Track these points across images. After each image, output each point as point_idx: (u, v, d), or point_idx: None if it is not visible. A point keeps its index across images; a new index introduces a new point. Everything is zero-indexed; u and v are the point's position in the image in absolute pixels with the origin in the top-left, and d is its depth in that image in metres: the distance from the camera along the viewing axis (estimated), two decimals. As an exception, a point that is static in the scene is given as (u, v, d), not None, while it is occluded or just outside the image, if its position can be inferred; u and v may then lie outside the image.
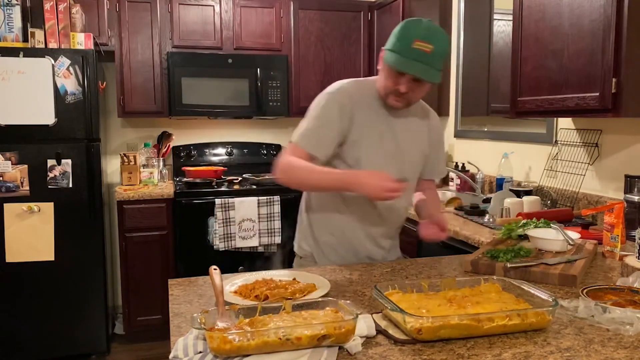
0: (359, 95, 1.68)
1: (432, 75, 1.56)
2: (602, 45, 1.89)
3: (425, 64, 1.53)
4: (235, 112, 3.80)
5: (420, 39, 1.51)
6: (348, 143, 1.67)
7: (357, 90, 1.69)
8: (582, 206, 2.46)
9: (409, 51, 1.52)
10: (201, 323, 1.04)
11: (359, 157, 1.67)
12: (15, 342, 3.11)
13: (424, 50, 1.51)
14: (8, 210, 3.03)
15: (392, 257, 1.86)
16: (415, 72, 1.54)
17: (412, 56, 1.52)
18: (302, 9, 3.94)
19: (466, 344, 1.07)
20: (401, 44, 1.54)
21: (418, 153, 1.79)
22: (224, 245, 3.43)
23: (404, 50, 1.53)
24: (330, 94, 1.67)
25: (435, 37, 1.53)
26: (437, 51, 1.53)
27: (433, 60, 1.54)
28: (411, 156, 1.77)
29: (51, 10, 3.08)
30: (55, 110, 3.06)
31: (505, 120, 3.17)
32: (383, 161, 1.69)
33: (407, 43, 1.53)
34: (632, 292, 1.33)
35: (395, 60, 1.55)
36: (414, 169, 1.80)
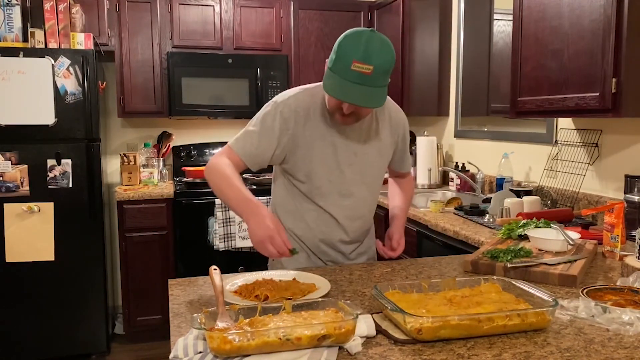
0: (305, 109, 1.61)
1: (374, 98, 1.45)
2: (602, 45, 1.89)
3: (367, 85, 1.42)
4: (235, 112, 3.80)
5: (359, 59, 1.39)
6: (297, 158, 1.64)
7: (304, 103, 1.62)
8: (582, 206, 2.46)
9: (347, 73, 1.41)
10: (201, 323, 1.04)
11: (310, 171, 1.64)
12: (15, 342, 3.11)
13: (363, 72, 1.40)
14: (8, 210, 3.03)
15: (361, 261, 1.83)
16: (354, 101, 1.44)
17: (351, 79, 1.41)
18: (302, 9, 3.94)
19: (466, 344, 1.06)
20: (339, 65, 1.42)
21: (379, 158, 1.74)
22: (224, 245, 3.43)
23: (343, 72, 1.41)
24: (276, 106, 1.62)
25: (375, 55, 1.40)
26: (378, 70, 1.41)
27: (375, 80, 1.42)
28: (372, 159, 1.71)
29: (51, 10, 3.08)
30: (55, 110, 3.06)
31: (505, 120, 3.17)
32: (338, 171, 1.66)
33: (345, 64, 1.41)
34: (632, 292, 1.33)
35: (333, 86, 1.45)
36: (375, 173, 1.75)
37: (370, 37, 1.43)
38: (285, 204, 1.76)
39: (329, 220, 1.72)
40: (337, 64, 1.44)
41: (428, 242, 2.57)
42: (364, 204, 1.76)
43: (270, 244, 1.41)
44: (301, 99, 1.64)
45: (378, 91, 1.45)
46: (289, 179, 1.71)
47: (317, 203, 1.70)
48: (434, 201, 2.74)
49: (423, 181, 3.57)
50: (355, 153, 1.68)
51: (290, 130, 1.61)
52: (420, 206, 2.93)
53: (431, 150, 3.56)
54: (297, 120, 1.61)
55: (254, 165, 1.64)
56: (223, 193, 1.59)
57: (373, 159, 1.72)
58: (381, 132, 1.72)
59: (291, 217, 1.75)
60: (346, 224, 1.73)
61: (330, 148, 1.64)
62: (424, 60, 3.67)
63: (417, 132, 4.03)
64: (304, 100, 1.64)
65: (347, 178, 1.68)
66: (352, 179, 1.69)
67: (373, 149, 1.71)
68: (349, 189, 1.70)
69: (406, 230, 2.76)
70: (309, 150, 1.63)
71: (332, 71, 1.45)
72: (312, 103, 1.63)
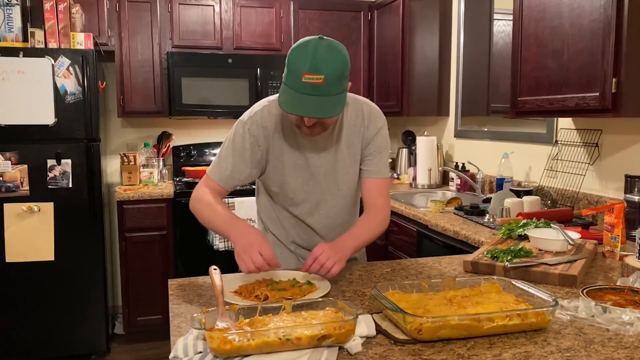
0: (273, 122, 1.59)
1: (329, 107, 1.41)
2: (602, 45, 1.89)
3: (321, 95, 1.38)
4: (235, 112, 3.79)
5: (307, 70, 1.36)
6: (269, 170, 1.65)
7: (271, 116, 1.60)
8: (582, 206, 2.46)
9: (299, 86, 1.38)
10: (201, 323, 1.04)
11: (283, 182, 1.64)
12: (15, 342, 3.11)
13: (314, 83, 1.37)
14: (8, 210, 3.03)
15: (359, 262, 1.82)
16: (309, 114, 1.41)
17: (305, 91, 1.38)
18: (302, 9, 3.94)
19: (466, 344, 1.06)
20: (291, 78, 1.40)
21: (353, 165, 1.68)
22: (224, 245, 3.43)
23: (295, 85, 1.39)
24: (244, 125, 1.61)
25: (324, 63, 1.37)
26: (329, 78, 1.37)
27: (328, 89, 1.38)
28: (345, 165, 1.66)
29: (51, 10, 3.08)
30: (55, 110, 3.06)
31: (505, 120, 3.17)
32: (312, 181, 1.65)
33: (296, 78, 1.38)
34: (632, 292, 1.33)
35: (287, 101, 1.41)
36: (350, 178, 1.69)
37: (316, 45, 1.39)
38: (267, 211, 1.79)
39: (307, 230, 1.73)
40: (289, 78, 1.41)
41: (428, 242, 2.57)
42: (341, 211, 1.73)
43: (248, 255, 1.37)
44: (267, 112, 1.61)
45: (333, 99, 1.41)
46: (266, 189, 1.73)
47: (293, 213, 1.71)
48: (434, 201, 2.74)
49: (423, 181, 3.57)
50: (328, 161, 1.64)
51: (262, 146, 1.61)
52: (420, 206, 2.93)
53: (431, 150, 3.56)
54: (266, 135, 1.60)
55: (232, 187, 1.64)
56: (209, 220, 1.61)
57: (346, 165, 1.67)
58: (352, 136, 1.65)
59: (273, 224, 1.78)
60: (324, 232, 1.72)
61: (301, 159, 1.63)
62: (424, 60, 3.66)
63: (417, 132, 4.03)
64: (271, 114, 1.61)
65: (322, 187, 1.66)
66: (326, 187, 1.67)
67: (345, 154, 1.65)
68: (323, 198, 1.68)
69: (406, 230, 2.78)
70: (279, 162, 1.62)
71: (286, 85, 1.42)
72: (279, 115, 1.61)
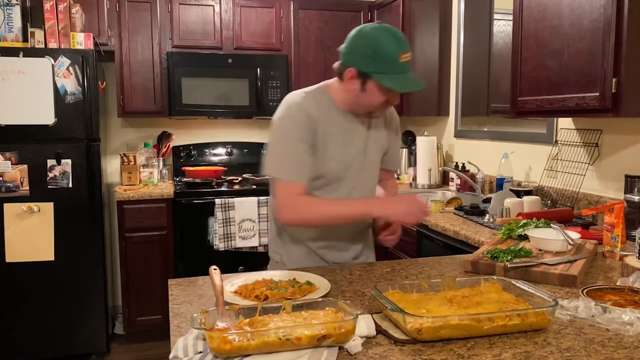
0: (316, 109, 1.64)
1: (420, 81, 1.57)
2: (602, 45, 1.89)
3: (410, 70, 1.55)
4: (235, 112, 3.80)
5: (402, 51, 1.51)
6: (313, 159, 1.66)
7: (313, 105, 1.64)
8: (582, 206, 2.46)
9: (400, 67, 1.51)
10: (201, 323, 1.04)
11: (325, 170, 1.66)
12: (15, 342, 3.11)
13: (409, 61, 1.53)
14: (8, 210, 3.03)
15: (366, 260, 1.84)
16: (418, 87, 1.55)
17: (405, 70, 1.53)
18: (302, 9, 3.94)
19: (466, 344, 1.06)
20: (388, 62, 1.51)
21: (378, 151, 1.78)
22: (224, 245, 3.43)
23: (397, 68, 1.51)
24: (289, 116, 1.62)
25: (406, 42, 1.54)
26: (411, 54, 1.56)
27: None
28: (372, 156, 1.76)
29: (51, 10, 3.08)
30: (55, 110, 3.06)
31: (505, 120, 3.17)
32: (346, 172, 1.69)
33: (394, 60, 1.50)
34: (632, 292, 1.33)
35: (395, 82, 1.52)
36: (375, 168, 1.79)
37: (389, 28, 1.54)
38: None
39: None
40: (385, 64, 1.51)
41: (428, 242, 2.57)
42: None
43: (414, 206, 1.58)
44: (308, 101, 1.65)
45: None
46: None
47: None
48: (434, 201, 2.74)
49: (423, 181, 3.57)
50: (360, 150, 1.71)
51: (312, 131, 1.62)
52: (420, 206, 2.92)
53: (431, 150, 3.56)
54: (312, 120, 1.63)
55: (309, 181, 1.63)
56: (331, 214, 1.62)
57: (374, 155, 1.76)
58: (380, 127, 1.77)
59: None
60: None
61: (340, 147, 1.67)
62: (424, 60, 3.66)
63: (417, 132, 4.03)
64: (312, 102, 1.65)
65: (354, 174, 1.71)
66: (357, 175, 1.72)
67: (375, 144, 1.75)
68: (355, 185, 1.73)
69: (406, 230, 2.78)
70: (323, 149, 1.65)
71: (382, 73, 1.51)
72: (320, 102, 1.66)
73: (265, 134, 4.28)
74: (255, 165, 4.11)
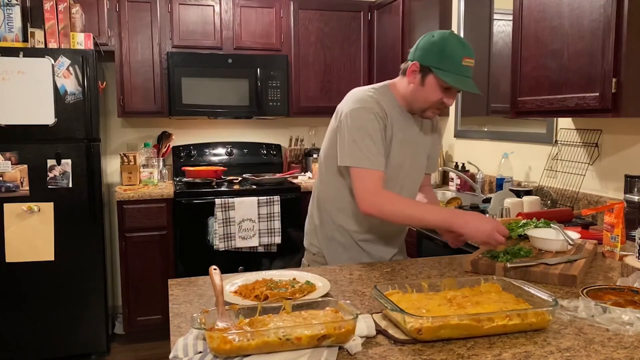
0: (386, 104, 1.70)
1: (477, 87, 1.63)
2: (602, 45, 1.89)
3: (470, 77, 1.62)
4: (235, 112, 3.80)
5: (467, 55, 1.59)
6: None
7: (382, 99, 1.70)
8: (582, 206, 2.46)
9: (461, 69, 1.59)
10: (201, 323, 1.04)
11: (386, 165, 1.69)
12: (15, 342, 3.11)
13: (471, 66, 1.61)
14: (8, 210, 3.03)
15: (400, 257, 1.90)
16: (473, 89, 1.61)
17: (465, 73, 1.60)
18: (302, 9, 3.94)
19: (466, 344, 1.07)
20: (451, 62, 1.59)
21: (424, 154, 1.85)
22: (224, 245, 3.43)
23: (457, 68, 1.59)
24: (365, 108, 1.66)
25: (472, 50, 1.61)
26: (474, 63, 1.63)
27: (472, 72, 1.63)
28: (420, 158, 1.83)
29: (51, 10, 3.08)
30: (55, 110, 3.06)
31: (505, 120, 3.17)
32: (401, 168, 1.75)
33: (457, 61, 1.58)
34: (632, 292, 1.33)
35: (452, 79, 1.59)
36: (421, 170, 1.86)
37: (458, 35, 1.65)
38: (336, 202, 1.79)
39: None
40: (448, 63, 1.59)
41: (428, 242, 2.57)
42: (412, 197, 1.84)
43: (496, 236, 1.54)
44: (378, 96, 1.70)
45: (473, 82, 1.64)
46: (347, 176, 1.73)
47: None
48: (434, 201, 2.74)
49: (423, 181, 3.57)
50: (413, 150, 1.78)
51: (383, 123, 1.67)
52: (420, 206, 2.93)
53: (431, 150, 3.56)
54: (384, 114, 1.68)
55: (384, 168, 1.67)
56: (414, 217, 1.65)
57: (422, 157, 1.84)
58: (428, 130, 1.84)
59: (342, 214, 1.79)
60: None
61: (400, 144, 1.72)
62: (424, 60, 3.66)
63: (417, 132, 4.03)
64: (381, 98, 1.70)
65: (405, 173, 1.77)
66: (407, 174, 1.78)
67: (423, 147, 1.83)
68: (404, 185, 1.77)
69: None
70: (389, 144, 1.70)
71: (444, 70, 1.59)
72: (385, 100, 1.70)
73: (265, 134, 4.29)
74: (255, 165, 4.12)
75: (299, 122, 4.27)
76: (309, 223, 1.91)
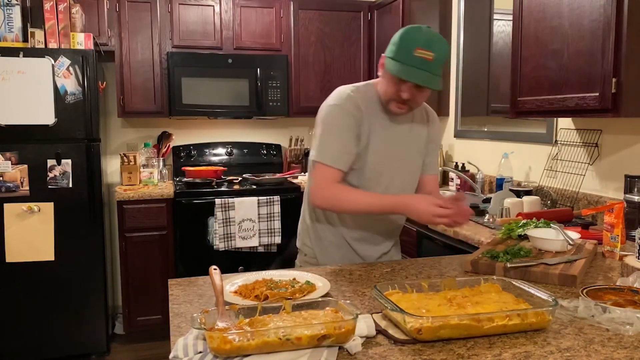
0: (364, 103, 1.69)
1: (434, 82, 1.57)
2: (602, 45, 1.89)
3: (427, 71, 1.55)
4: (235, 112, 3.80)
5: (422, 46, 1.53)
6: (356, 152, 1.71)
7: (362, 98, 1.69)
8: (582, 206, 2.46)
9: (410, 59, 1.54)
10: (201, 323, 1.04)
11: (364, 164, 1.70)
12: (15, 342, 3.11)
13: (425, 58, 1.53)
14: (8, 210, 3.03)
15: (392, 257, 1.88)
16: (418, 80, 1.56)
17: (414, 64, 1.54)
18: (302, 9, 3.94)
19: (466, 344, 1.07)
20: (402, 51, 1.56)
21: (418, 155, 1.82)
22: (224, 245, 3.43)
23: (406, 58, 1.55)
24: (339, 105, 1.67)
25: (435, 45, 1.55)
26: (437, 58, 1.55)
27: (434, 67, 1.55)
28: (412, 158, 1.80)
29: (51, 10, 3.08)
30: (55, 110, 3.06)
31: (505, 120, 3.17)
32: (385, 166, 1.72)
33: (408, 51, 1.54)
34: (632, 292, 1.33)
35: (397, 68, 1.56)
36: (415, 171, 1.83)
37: (429, 29, 1.59)
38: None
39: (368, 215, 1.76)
40: (399, 52, 1.56)
41: (428, 242, 2.57)
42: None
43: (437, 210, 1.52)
44: (357, 93, 1.70)
45: (435, 77, 1.57)
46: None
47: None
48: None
49: (423, 181, 3.56)
50: (401, 148, 1.75)
51: (358, 121, 1.67)
52: (420, 206, 2.93)
53: (431, 150, 3.55)
54: (361, 112, 1.67)
55: (348, 167, 1.67)
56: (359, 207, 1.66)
57: (414, 156, 1.80)
58: (420, 129, 1.81)
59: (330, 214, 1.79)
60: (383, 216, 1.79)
61: (382, 143, 1.71)
62: (424, 60, 3.66)
63: (417, 132, 4.02)
64: (361, 95, 1.70)
65: (392, 171, 1.74)
66: (395, 172, 1.75)
67: (415, 145, 1.80)
68: (392, 183, 1.75)
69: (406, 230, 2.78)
70: (366, 143, 1.69)
71: (394, 59, 1.57)
72: (367, 97, 1.70)
73: (265, 134, 4.29)
74: (255, 165, 4.11)
75: (299, 122, 4.27)
76: (301, 223, 1.91)
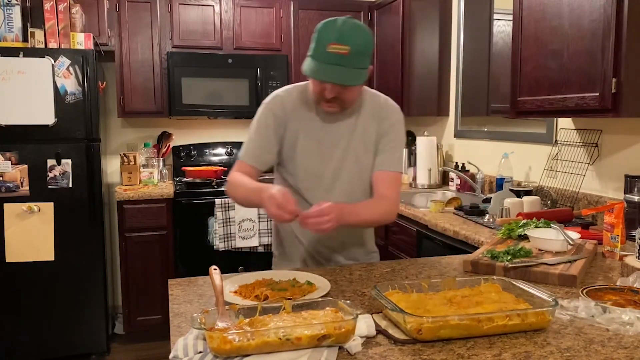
0: (292, 103, 1.67)
1: (352, 77, 1.49)
2: (602, 45, 1.89)
3: (344, 66, 1.47)
4: (235, 112, 3.80)
5: (334, 41, 1.46)
6: (284, 152, 1.70)
7: (292, 98, 1.68)
8: (582, 206, 2.46)
9: (325, 56, 1.47)
10: (201, 323, 1.04)
11: (295, 165, 1.69)
12: (15, 342, 3.11)
13: (340, 53, 1.46)
14: (8, 210, 3.03)
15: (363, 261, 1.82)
16: (331, 79, 1.49)
17: (329, 60, 1.47)
18: (302, 9, 3.94)
19: (466, 344, 1.06)
20: (317, 49, 1.49)
21: (365, 154, 1.69)
22: (224, 245, 3.43)
23: (320, 55, 1.48)
24: (265, 105, 1.70)
25: (350, 36, 1.47)
26: (355, 50, 1.47)
27: (353, 61, 1.48)
28: (357, 159, 1.68)
29: (51, 10, 3.08)
30: (55, 110, 3.06)
31: (505, 120, 3.17)
32: (322, 169, 1.68)
33: (322, 48, 1.48)
34: (632, 292, 1.33)
35: (311, 67, 1.51)
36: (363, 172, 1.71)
37: (345, 21, 1.51)
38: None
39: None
40: (315, 50, 1.51)
41: (428, 242, 2.57)
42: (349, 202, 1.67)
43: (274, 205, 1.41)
44: (289, 94, 1.70)
45: (355, 72, 1.50)
46: (281, 172, 1.77)
47: (304, 197, 1.71)
48: (434, 201, 2.74)
49: (423, 181, 3.57)
50: (341, 148, 1.68)
51: (282, 123, 1.67)
52: (420, 206, 2.93)
53: (431, 150, 3.56)
54: (285, 113, 1.67)
55: (264, 165, 1.70)
56: (244, 198, 1.65)
57: (360, 154, 1.69)
58: (368, 127, 1.69)
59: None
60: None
61: (314, 143, 1.67)
62: (424, 60, 3.66)
63: (417, 132, 4.03)
64: (292, 95, 1.70)
65: (331, 173, 1.69)
66: (336, 174, 1.69)
67: (359, 144, 1.68)
68: (332, 185, 1.69)
69: (406, 230, 2.78)
70: (294, 144, 1.67)
71: (311, 57, 1.52)
72: (299, 99, 1.69)
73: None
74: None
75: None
76: (273, 226, 1.92)
